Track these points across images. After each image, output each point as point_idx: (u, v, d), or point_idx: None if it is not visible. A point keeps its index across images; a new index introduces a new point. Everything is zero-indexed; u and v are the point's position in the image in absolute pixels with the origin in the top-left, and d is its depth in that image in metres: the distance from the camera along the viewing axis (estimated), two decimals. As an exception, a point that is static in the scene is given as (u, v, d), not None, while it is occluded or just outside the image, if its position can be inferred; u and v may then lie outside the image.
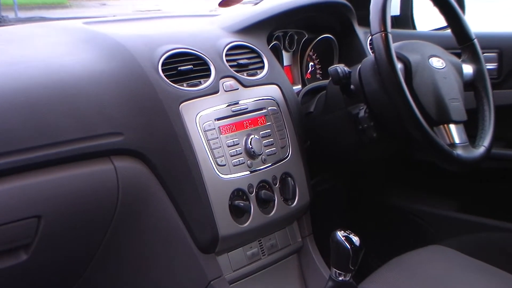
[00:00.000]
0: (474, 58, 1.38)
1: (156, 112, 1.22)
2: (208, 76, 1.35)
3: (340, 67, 1.34)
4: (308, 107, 1.51)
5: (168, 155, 1.22)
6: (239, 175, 1.30)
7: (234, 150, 1.31)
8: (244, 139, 1.34)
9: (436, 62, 1.33)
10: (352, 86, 1.36)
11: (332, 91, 1.43)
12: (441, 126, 1.28)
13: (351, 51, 1.75)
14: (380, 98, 1.30)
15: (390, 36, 1.21)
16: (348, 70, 1.35)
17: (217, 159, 1.27)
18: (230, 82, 1.37)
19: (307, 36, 1.74)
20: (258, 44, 1.51)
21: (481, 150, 1.28)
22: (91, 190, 1.12)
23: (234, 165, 1.30)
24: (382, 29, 1.22)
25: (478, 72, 1.38)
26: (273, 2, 1.59)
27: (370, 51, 1.74)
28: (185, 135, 1.23)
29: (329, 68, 1.36)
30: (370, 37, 1.59)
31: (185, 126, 1.24)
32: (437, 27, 1.88)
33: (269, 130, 1.39)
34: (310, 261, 1.49)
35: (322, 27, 1.74)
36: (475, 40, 1.38)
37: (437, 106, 1.27)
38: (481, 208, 1.70)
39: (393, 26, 1.28)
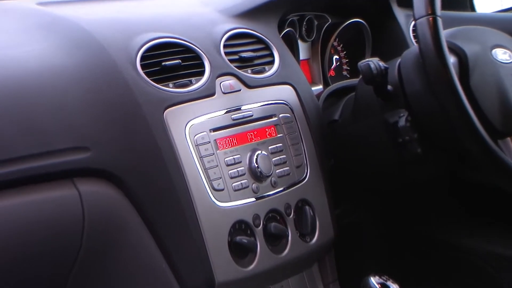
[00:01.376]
0: None
1: (133, 121, 1.22)
2: (201, 73, 1.35)
3: (374, 62, 1.34)
4: (332, 114, 1.52)
5: (149, 176, 1.22)
6: (242, 203, 1.31)
7: (235, 170, 1.32)
8: (248, 155, 1.34)
9: (502, 55, 1.34)
10: (389, 87, 1.37)
11: (363, 93, 1.43)
12: (508, 138, 1.28)
13: (388, 40, 1.76)
14: (426, 102, 1.31)
15: (439, 20, 1.22)
16: (384, 65, 1.35)
17: (212, 182, 1.28)
18: (229, 81, 1.38)
19: (330, 21, 1.74)
20: (267, 31, 1.52)
21: None
22: (46, 224, 1.13)
23: (235, 190, 1.31)
24: (430, 12, 1.22)
25: None
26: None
27: (414, 41, 1.74)
28: (171, 150, 1.24)
29: (359, 62, 1.36)
30: (413, 22, 1.59)
31: (171, 139, 1.24)
32: (503, 8, 1.88)
33: (280, 144, 1.40)
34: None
35: (350, 8, 1.75)
36: None
37: (503, 112, 1.27)
38: None
39: (444, 7, 1.28)
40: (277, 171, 1.38)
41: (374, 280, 1.04)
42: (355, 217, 1.65)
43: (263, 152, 1.36)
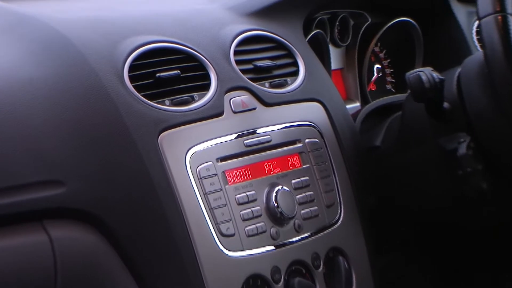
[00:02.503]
0: None
1: (118, 148, 1.23)
2: (206, 87, 1.36)
3: (426, 72, 1.34)
4: (373, 139, 1.53)
5: (139, 219, 1.23)
6: (258, 252, 1.32)
7: (249, 210, 1.32)
8: (266, 192, 1.35)
9: None
10: (445, 104, 1.37)
11: (412, 112, 1.44)
12: None
13: (444, 45, 1.76)
14: (494, 124, 1.31)
15: (511, 19, 1.22)
16: (439, 77, 1.35)
17: (220, 226, 1.28)
18: (242, 97, 1.38)
19: (370, 20, 1.75)
20: (289, 34, 1.52)
21: None
22: (12, 276, 1.13)
23: (249, 236, 1.31)
24: (498, 9, 1.23)
25: None
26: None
27: (477, 45, 1.75)
28: (167, 185, 1.24)
29: (408, 73, 1.37)
30: (477, 22, 1.58)
31: (167, 171, 1.25)
32: None
33: (306, 178, 1.40)
34: None
35: (396, 4, 1.76)
36: None
37: None
38: None
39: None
40: (302, 211, 1.38)
41: None
42: (404, 271, 1.65)
43: (285, 187, 1.36)
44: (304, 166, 1.41)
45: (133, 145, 1.23)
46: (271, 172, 1.36)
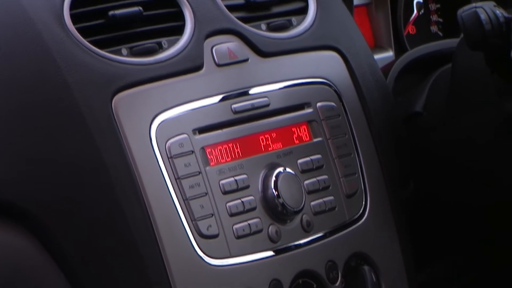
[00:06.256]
0: None
1: (56, 116, 1.23)
2: (179, 30, 1.36)
3: (486, 9, 1.33)
4: (412, 103, 1.53)
5: (84, 215, 1.23)
6: (251, 260, 1.32)
7: (239, 201, 1.32)
8: (262, 176, 1.35)
9: None
10: None
11: (467, 64, 1.44)
12: None
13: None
14: None
15: None
16: (505, 15, 1.34)
17: (198, 223, 1.28)
18: (229, 44, 1.38)
19: None
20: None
21: None
22: None
23: (239, 237, 1.31)
24: None
25: None
26: None
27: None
28: (123, 167, 1.25)
29: (460, 10, 1.35)
30: None
31: (124, 147, 1.25)
32: None
33: (318, 156, 1.40)
34: None
35: None
36: None
37: None
38: None
39: None
40: (313, 203, 1.37)
41: None
42: (457, 286, 1.65)
43: (288, 169, 1.35)
44: (315, 140, 1.40)
45: (77, 112, 1.24)
46: (269, 149, 1.36)
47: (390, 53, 1.73)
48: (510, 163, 1.41)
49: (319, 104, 1.41)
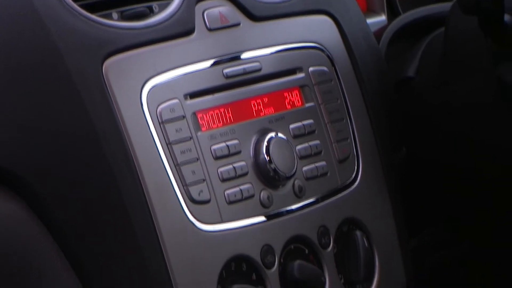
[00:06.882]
0: None
1: (46, 82, 1.23)
2: None
3: None
4: (404, 68, 1.53)
5: (76, 179, 1.23)
6: (242, 225, 1.32)
7: (231, 166, 1.32)
8: (254, 141, 1.35)
9: None
10: (507, 17, 1.35)
11: (460, 28, 1.43)
12: None
13: None
14: None
15: None
16: None
17: (190, 189, 1.28)
18: (220, 8, 1.38)
19: None
20: None
21: None
22: None
23: (231, 202, 1.31)
24: None
25: None
26: None
27: None
28: (114, 132, 1.24)
29: None
30: None
31: (114, 112, 1.25)
32: None
33: (311, 121, 1.40)
34: None
35: None
36: None
37: None
38: None
39: None
40: (305, 168, 1.38)
41: None
42: (450, 253, 1.66)
43: (280, 134, 1.35)
44: (307, 105, 1.40)
45: (67, 76, 1.23)
46: (261, 114, 1.36)
47: (382, 17, 1.73)
48: (502, 128, 1.41)
49: (311, 68, 1.41)
